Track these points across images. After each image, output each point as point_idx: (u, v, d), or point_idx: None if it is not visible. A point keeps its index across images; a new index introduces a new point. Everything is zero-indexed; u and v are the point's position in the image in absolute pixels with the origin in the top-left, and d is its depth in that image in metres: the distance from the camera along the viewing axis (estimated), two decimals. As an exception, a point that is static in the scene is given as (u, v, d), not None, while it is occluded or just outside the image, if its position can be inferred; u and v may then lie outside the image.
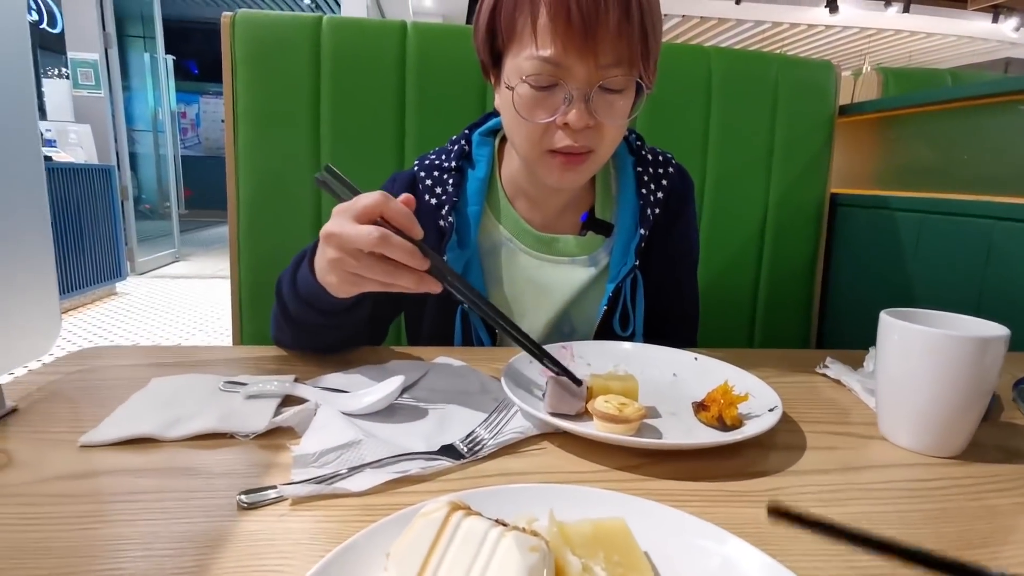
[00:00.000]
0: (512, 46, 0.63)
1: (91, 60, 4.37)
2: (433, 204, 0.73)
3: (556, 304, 0.76)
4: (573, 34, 0.58)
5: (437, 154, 0.79)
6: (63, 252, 3.52)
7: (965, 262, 1.02)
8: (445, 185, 0.74)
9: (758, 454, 0.46)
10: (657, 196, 0.77)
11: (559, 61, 0.59)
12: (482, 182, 0.75)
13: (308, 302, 0.59)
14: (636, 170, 0.78)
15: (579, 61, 0.59)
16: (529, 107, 0.62)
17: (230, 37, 1.03)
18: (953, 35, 8.23)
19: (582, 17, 0.57)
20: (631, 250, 0.75)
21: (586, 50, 0.58)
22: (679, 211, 0.81)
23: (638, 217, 0.76)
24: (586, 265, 0.77)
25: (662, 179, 0.79)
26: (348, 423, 0.45)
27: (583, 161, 0.65)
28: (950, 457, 0.47)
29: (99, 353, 0.64)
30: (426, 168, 0.77)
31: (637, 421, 0.46)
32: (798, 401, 0.58)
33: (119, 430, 0.44)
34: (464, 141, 0.78)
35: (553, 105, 0.62)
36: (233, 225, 1.05)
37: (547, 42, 0.59)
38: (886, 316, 0.49)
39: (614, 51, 0.59)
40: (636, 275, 0.75)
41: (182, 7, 8.72)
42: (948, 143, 1.13)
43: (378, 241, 0.48)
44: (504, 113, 0.68)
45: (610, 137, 0.65)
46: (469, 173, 0.76)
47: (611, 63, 0.60)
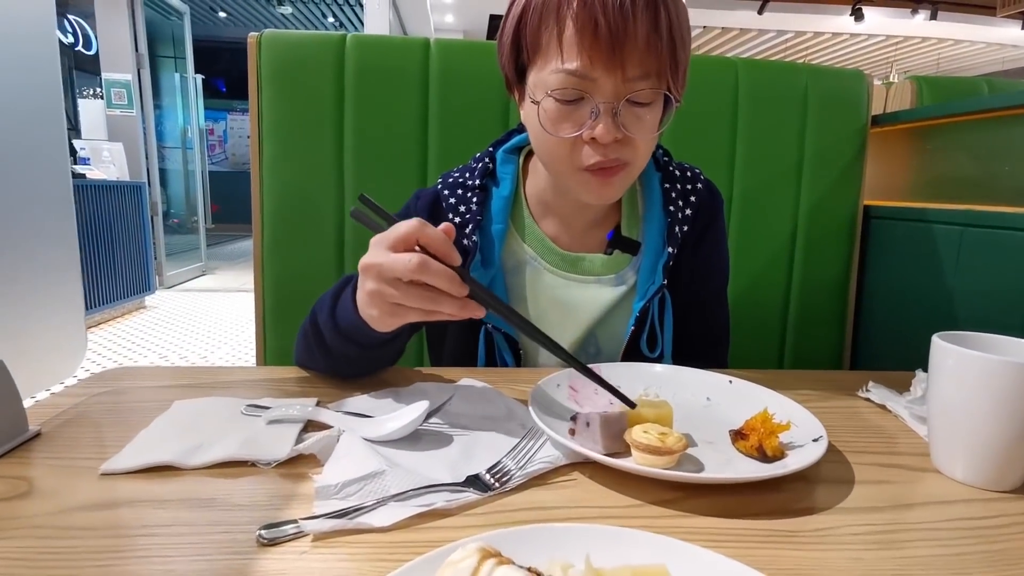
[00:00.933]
0: (537, 60, 0.62)
1: (124, 80, 4.50)
2: (457, 223, 0.72)
3: (582, 324, 0.74)
4: (600, 47, 0.56)
5: (460, 172, 0.77)
6: (95, 267, 3.61)
7: (1010, 278, 0.98)
8: (469, 203, 0.73)
9: (803, 488, 0.44)
10: (685, 213, 0.75)
11: (585, 74, 0.58)
12: (506, 200, 0.74)
13: (348, 336, 0.58)
14: (663, 187, 0.76)
15: (606, 74, 0.58)
16: (555, 121, 0.61)
17: (256, 56, 1.04)
18: (982, 42, 8.07)
19: (609, 30, 0.56)
20: (659, 269, 0.73)
21: (613, 63, 0.57)
22: (708, 228, 0.78)
23: (665, 235, 0.74)
24: (612, 284, 0.74)
25: (690, 195, 0.76)
26: (371, 451, 0.44)
27: (617, 173, 0.63)
28: (1009, 491, 0.44)
29: (123, 374, 0.63)
30: (449, 186, 0.75)
31: (679, 452, 0.44)
32: (842, 429, 0.55)
33: (140, 458, 0.43)
34: (488, 159, 0.77)
35: (579, 119, 0.60)
36: (257, 241, 1.06)
37: (573, 55, 0.57)
38: (939, 340, 0.46)
39: (642, 64, 0.58)
40: (664, 294, 0.73)
41: (211, 28, 8.97)
42: (988, 153, 1.09)
43: (417, 268, 0.47)
44: (530, 129, 0.67)
45: (642, 149, 0.63)
46: (493, 191, 0.75)
47: (639, 76, 0.58)
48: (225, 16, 8.67)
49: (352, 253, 1.06)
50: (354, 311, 0.55)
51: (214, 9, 8.35)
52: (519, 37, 0.63)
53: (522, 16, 0.62)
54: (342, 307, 0.58)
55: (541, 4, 0.59)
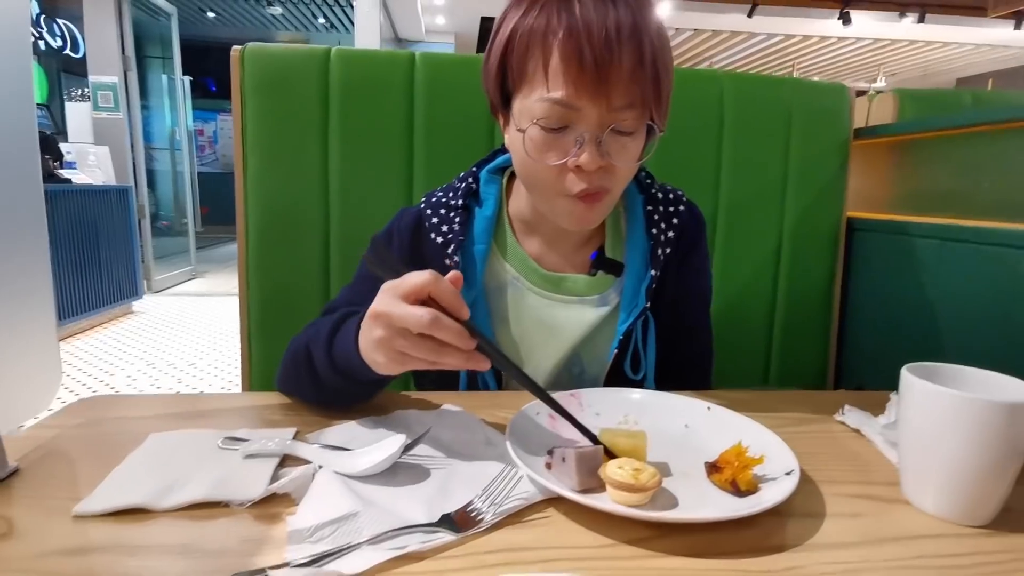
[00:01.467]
0: (523, 87, 0.62)
1: (111, 83, 4.46)
2: (439, 243, 0.72)
3: (565, 345, 0.74)
4: (585, 77, 0.57)
5: (444, 191, 0.78)
6: (81, 272, 3.57)
7: (988, 292, 0.99)
8: (452, 223, 0.73)
9: (775, 523, 0.44)
10: (668, 235, 0.75)
11: (571, 103, 0.58)
12: (489, 220, 0.74)
13: (345, 373, 0.58)
14: (646, 209, 0.76)
15: (591, 104, 0.58)
16: (540, 149, 0.61)
17: (240, 70, 1.03)
18: (971, 44, 8.14)
19: (595, 61, 0.56)
20: (642, 291, 0.73)
21: (598, 93, 0.58)
22: (690, 250, 0.79)
23: (648, 257, 0.74)
24: (596, 305, 0.75)
25: (672, 218, 0.77)
26: (346, 490, 0.44)
27: (599, 200, 0.64)
28: (980, 527, 0.45)
29: (99, 403, 0.63)
30: (432, 206, 0.76)
31: (653, 489, 0.44)
32: (816, 456, 0.55)
33: (112, 500, 0.43)
34: (471, 179, 0.77)
35: (564, 147, 0.61)
36: (242, 257, 1.05)
37: (559, 84, 0.58)
38: (908, 374, 0.46)
39: (627, 94, 0.59)
40: (648, 317, 0.73)
41: (200, 28, 8.90)
42: (969, 168, 1.10)
43: (429, 324, 0.47)
44: (515, 154, 0.67)
45: (623, 176, 0.64)
46: (476, 211, 0.75)
47: (623, 106, 0.59)
48: (214, 16, 8.61)
49: (338, 269, 1.06)
50: (355, 351, 0.55)
51: (203, 9, 8.29)
52: (505, 64, 0.63)
53: (508, 43, 0.62)
54: (341, 345, 0.58)
55: (528, 32, 0.60)
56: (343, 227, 1.05)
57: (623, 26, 0.57)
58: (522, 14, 0.61)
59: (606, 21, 0.56)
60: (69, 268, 3.46)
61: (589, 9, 0.57)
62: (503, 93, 0.65)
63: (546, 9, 0.59)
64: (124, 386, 2.86)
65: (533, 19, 0.59)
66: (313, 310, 1.06)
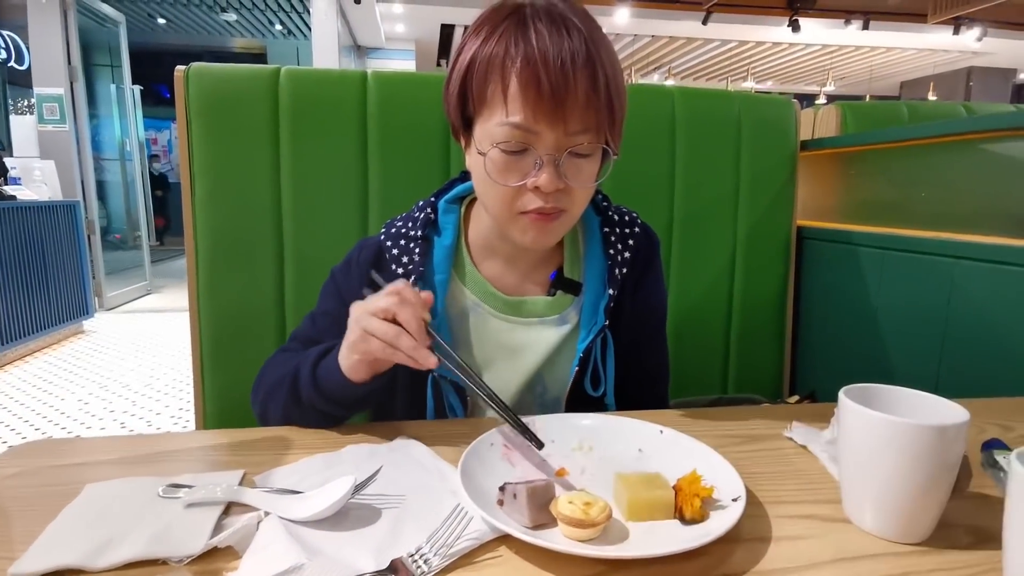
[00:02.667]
0: (483, 111, 0.64)
1: (56, 95, 4.29)
2: (400, 273, 0.73)
3: (528, 366, 0.75)
4: (543, 103, 0.59)
5: (404, 221, 0.78)
6: (27, 292, 3.42)
7: (927, 299, 1.03)
8: (412, 255, 0.74)
9: (724, 551, 0.45)
10: (624, 256, 0.77)
11: (529, 127, 0.61)
12: (448, 249, 0.75)
13: (327, 396, 0.64)
14: (603, 231, 0.78)
15: (548, 128, 0.61)
16: (501, 171, 0.64)
17: (184, 91, 1.01)
18: (913, 48, 8.51)
19: (551, 87, 0.59)
20: (600, 310, 0.74)
21: (555, 119, 0.60)
22: (645, 270, 0.81)
23: (606, 277, 0.76)
24: (556, 325, 0.76)
25: (628, 239, 0.79)
26: (291, 540, 0.43)
27: (554, 219, 0.66)
28: (917, 544, 0.46)
29: (36, 450, 0.60)
30: (392, 237, 0.76)
31: (603, 523, 0.44)
32: (765, 476, 0.57)
33: (46, 560, 0.41)
34: (430, 209, 0.77)
35: (524, 169, 0.63)
36: (192, 285, 1.02)
37: (517, 109, 0.61)
38: (844, 397, 0.48)
39: (582, 120, 0.61)
40: (606, 335, 0.75)
41: (150, 35, 8.65)
42: (906, 180, 1.15)
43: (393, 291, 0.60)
44: (475, 176, 0.69)
45: (580, 199, 0.67)
46: (436, 241, 0.76)
47: (579, 130, 0.62)
48: (165, 23, 8.38)
49: (293, 294, 1.04)
50: (336, 370, 0.63)
51: (152, 16, 8.06)
52: (465, 89, 0.65)
53: (468, 69, 0.64)
54: (326, 373, 0.65)
55: (487, 60, 0.62)
56: (297, 250, 1.04)
57: (577, 54, 0.59)
58: (481, 42, 0.63)
59: (561, 50, 0.59)
60: (14, 289, 3.31)
61: (544, 38, 0.60)
62: (464, 116, 0.68)
63: (504, 37, 0.61)
64: (76, 411, 2.75)
65: (492, 47, 0.62)
66: (269, 337, 1.04)
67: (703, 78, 10.90)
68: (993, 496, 0.54)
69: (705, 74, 10.71)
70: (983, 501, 0.53)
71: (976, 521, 0.50)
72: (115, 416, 2.70)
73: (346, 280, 0.77)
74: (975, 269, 0.95)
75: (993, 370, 0.91)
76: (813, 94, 10.21)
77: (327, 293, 0.79)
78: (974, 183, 1.02)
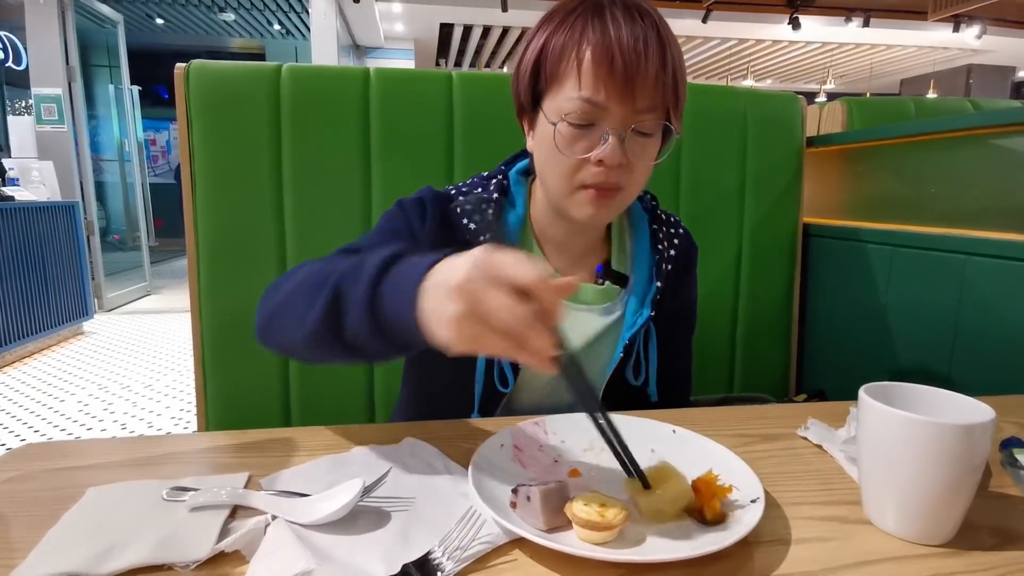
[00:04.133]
0: (554, 86, 0.66)
1: (54, 95, 4.27)
2: (472, 228, 0.73)
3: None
4: (615, 79, 0.62)
5: (471, 186, 0.78)
6: (27, 294, 3.41)
7: (939, 296, 1.02)
8: (485, 214, 0.73)
9: (743, 553, 0.44)
10: (670, 253, 0.80)
11: (600, 103, 0.63)
12: (520, 219, 0.76)
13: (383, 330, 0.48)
14: (652, 227, 0.80)
15: (618, 104, 0.63)
16: (568, 143, 0.65)
17: (184, 88, 0.99)
18: (914, 46, 8.49)
19: (624, 64, 0.61)
20: (647, 301, 0.76)
21: (625, 95, 0.62)
22: (686, 273, 0.83)
23: (654, 271, 0.78)
24: (602, 314, 0.77)
25: (674, 239, 0.81)
26: (300, 545, 0.41)
27: (613, 196, 0.67)
28: (941, 546, 0.45)
29: (35, 453, 0.59)
30: (464, 193, 0.76)
31: (619, 526, 0.43)
32: (781, 476, 0.55)
33: (47, 567, 0.40)
34: (501, 176, 0.78)
35: (590, 143, 0.65)
36: (193, 283, 1.01)
37: (590, 85, 0.63)
38: (865, 395, 0.47)
39: (650, 97, 0.63)
40: (650, 326, 0.76)
41: (148, 36, 8.63)
42: (915, 176, 1.14)
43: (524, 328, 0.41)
44: (539, 150, 0.70)
45: (639, 176, 0.68)
46: (508, 210, 0.76)
47: (646, 108, 0.64)
48: (163, 23, 8.36)
49: (294, 292, 1.03)
50: (409, 310, 0.45)
51: (151, 16, 8.03)
52: (539, 67, 0.67)
53: (543, 49, 0.67)
54: (391, 297, 0.47)
55: (563, 40, 0.65)
56: (299, 250, 1.02)
57: (650, 39, 0.62)
58: (556, 26, 0.66)
59: (634, 32, 0.62)
60: (13, 290, 3.30)
61: (620, 23, 0.63)
62: (534, 93, 0.69)
63: (580, 21, 0.64)
64: (76, 412, 2.73)
65: (568, 28, 0.65)
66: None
67: (703, 76, 10.88)
68: (1015, 495, 0.53)
69: (705, 72, 10.70)
70: (1006, 501, 0.52)
71: (999, 522, 0.49)
72: (115, 417, 2.69)
73: (419, 213, 0.72)
74: (987, 265, 0.93)
75: (1007, 367, 0.90)
76: (813, 92, 10.20)
77: (394, 218, 0.72)
78: (984, 178, 1.01)
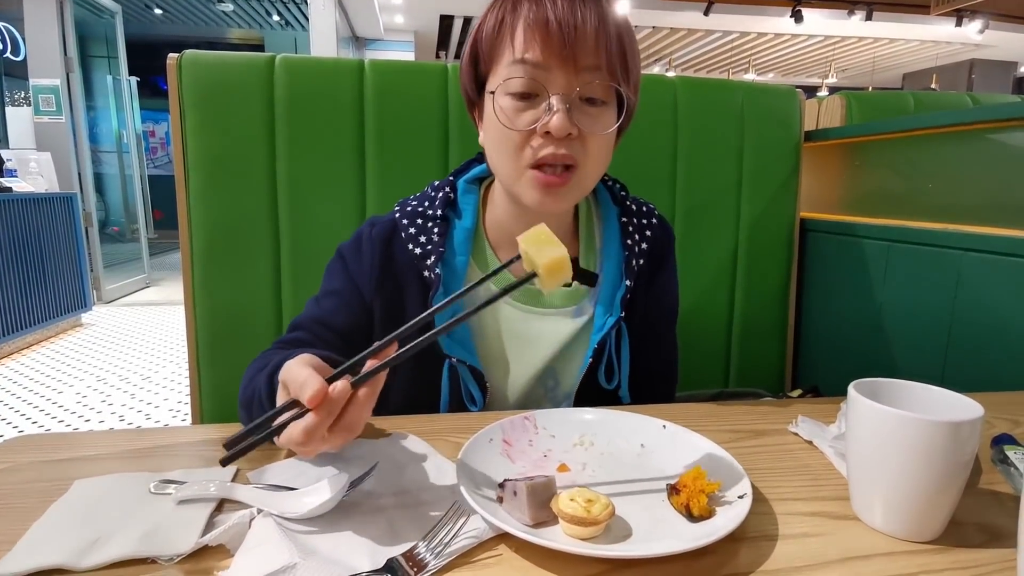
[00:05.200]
0: (493, 64, 0.65)
1: (52, 86, 4.26)
2: (417, 253, 0.71)
3: (541, 358, 0.73)
4: (552, 39, 0.59)
5: (419, 200, 0.75)
6: (25, 285, 3.41)
7: (934, 292, 1.02)
8: (430, 234, 0.71)
9: (729, 549, 0.44)
10: (641, 247, 0.76)
11: (538, 62, 0.60)
12: (468, 232, 0.72)
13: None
14: (621, 220, 0.76)
15: (559, 65, 0.60)
16: (510, 116, 0.63)
17: (177, 80, 0.99)
18: (916, 40, 8.46)
19: (559, 24, 0.59)
20: (616, 301, 0.73)
21: (565, 54, 0.60)
22: (661, 264, 0.79)
23: (623, 268, 0.74)
24: (571, 316, 0.74)
25: (645, 230, 0.77)
26: (285, 539, 0.41)
27: (565, 182, 0.64)
28: (929, 542, 0.45)
29: (28, 444, 0.59)
30: (408, 215, 0.73)
31: (605, 521, 0.43)
32: (770, 472, 0.55)
33: (31, 559, 0.40)
34: (449, 188, 0.75)
35: (535, 115, 0.62)
36: (187, 276, 1.01)
37: (523, 46, 0.61)
38: (853, 392, 0.47)
39: (592, 55, 0.61)
40: (621, 327, 0.73)
41: (147, 26, 8.58)
42: (912, 171, 1.13)
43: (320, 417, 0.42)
44: (487, 135, 0.67)
45: (594, 152, 0.64)
46: (455, 222, 0.73)
47: (590, 67, 0.61)
48: (161, 13, 8.31)
49: (290, 287, 1.02)
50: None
51: (149, 6, 7.99)
52: (476, 52, 0.66)
53: (478, 32, 0.66)
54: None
55: (497, 18, 0.63)
56: (294, 243, 1.02)
57: (588, 5, 0.61)
58: (491, 7, 0.65)
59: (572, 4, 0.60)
60: (11, 282, 3.29)
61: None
62: (477, 81, 0.68)
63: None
64: (74, 404, 2.74)
65: (499, 7, 0.64)
66: (265, 331, 1.03)
67: (704, 70, 10.83)
68: (1004, 492, 0.53)
69: (706, 66, 10.65)
70: (994, 498, 0.52)
71: (987, 519, 0.49)
72: (113, 409, 2.70)
73: (355, 257, 0.73)
74: (983, 261, 0.93)
75: (1000, 363, 0.90)
76: (815, 86, 10.16)
77: (333, 272, 0.75)
78: (981, 174, 1.01)
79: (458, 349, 0.69)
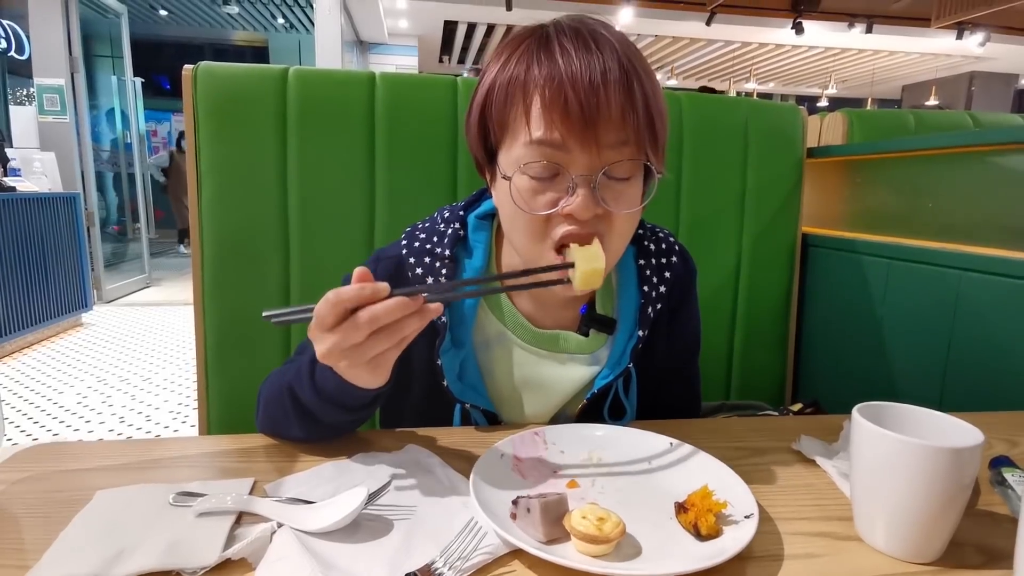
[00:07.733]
0: (505, 139, 0.59)
1: (56, 86, 4.27)
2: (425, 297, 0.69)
3: (553, 402, 0.71)
4: (571, 119, 0.54)
5: (427, 234, 0.71)
6: (26, 284, 3.41)
7: (933, 310, 1.03)
8: (438, 275, 0.67)
9: (736, 569, 0.45)
10: (659, 291, 0.72)
11: (557, 142, 0.55)
12: (479, 272, 0.69)
13: (335, 401, 0.58)
14: (638, 263, 0.72)
15: (580, 145, 0.55)
16: (528, 198, 0.58)
17: (192, 90, 1.00)
18: (916, 52, 8.51)
19: (580, 103, 0.53)
20: (627, 352, 0.70)
21: (586, 133, 0.54)
22: (683, 301, 0.76)
23: (637, 316, 0.70)
24: (587, 363, 0.71)
25: (665, 271, 0.73)
26: (305, 554, 0.43)
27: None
28: (929, 564, 0.46)
29: (43, 453, 0.60)
30: (416, 253, 0.70)
31: (617, 539, 0.44)
32: (775, 491, 0.57)
33: (60, 570, 0.41)
34: (458, 224, 0.71)
35: (555, 196, 0.57)
36: (198, 283, 1.02)
37: (541, 126, 0.55)
38: (858, 416, 0.48)
39: (617, 133, 0.55)
40: (630, 373, 0.70)
41: (152, 26, 8.61)
42: (913, 190, 1.15)
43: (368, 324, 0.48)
44: (502, 209, 0.63)
45: (619, 227, 0.60)
46: (465, 262, 0.70)
47: (615, 143, 0.56)
48: (167, 14, 8.34)
49: (299, 298, 1.03)
50: (339, 379, 0.54)
51: (154, 7, 8.02)
52: (485, 118, 0.61)
53: (487, 97, 0.60)
54: (322, 378, 0.57)
55: (507, 82, 0.57)
56: (304, 252, 1.03)
57: (609, 71, 0.54)
58: (500, 66, 0.59)
59: (590, 66, 0.54)
60: (13, 281, 3.30)
61: (570, 54, 0.54)
62: (487, 149, 0.63)
63: (524, 57, 0.57)
64: (74, 404, 2.74)
65: (512, 69, 0.57)
66: (274, 340, 1.04)
67: (706, 78, 10.88)
68: (1002, 514, 0.55)
69: (708, 75, 10.70)
70: (992, 519, 0.54)
71: (986, 540, 0.50)
72: (113, 410, 2.70)
73: None
74: (982, 281, 0.95)
75: (999, 383, 0.91)
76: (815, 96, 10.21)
77: None
78: (981, 195, 1.02)
79: (471, 394, 0.68)
